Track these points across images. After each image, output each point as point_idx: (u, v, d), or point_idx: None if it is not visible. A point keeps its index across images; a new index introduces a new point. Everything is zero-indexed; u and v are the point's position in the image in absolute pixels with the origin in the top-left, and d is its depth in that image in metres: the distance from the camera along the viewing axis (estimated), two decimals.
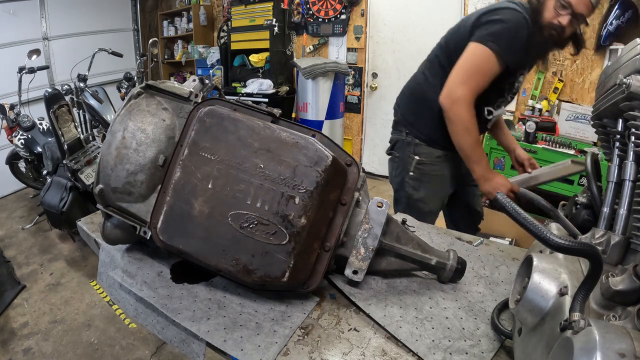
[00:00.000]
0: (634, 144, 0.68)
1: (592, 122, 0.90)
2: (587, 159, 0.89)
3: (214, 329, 0.79)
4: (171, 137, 0.94)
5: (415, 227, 1.17)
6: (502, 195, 0.55)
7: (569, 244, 0.48)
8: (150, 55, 4.07)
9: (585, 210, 0.83)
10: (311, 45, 4.54)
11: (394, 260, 0.92)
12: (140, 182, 0.92)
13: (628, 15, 2.81)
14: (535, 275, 0.63)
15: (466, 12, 3.58)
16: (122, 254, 1.04)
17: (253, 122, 0.85)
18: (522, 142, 2.90)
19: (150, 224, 0.90)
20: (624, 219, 0.67)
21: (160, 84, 1.02)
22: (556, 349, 0.50)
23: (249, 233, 0.81)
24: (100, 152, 0.96)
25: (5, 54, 4.13)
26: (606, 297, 0.57)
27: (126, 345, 2.10)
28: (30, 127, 3.27)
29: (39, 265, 2.84)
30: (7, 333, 2.18)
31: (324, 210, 0.83)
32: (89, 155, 2.73)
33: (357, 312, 0.86)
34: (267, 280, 0.81)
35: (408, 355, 0.74)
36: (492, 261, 1.06)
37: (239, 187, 0.82)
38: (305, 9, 4.44)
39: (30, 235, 3.30)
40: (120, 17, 5.48)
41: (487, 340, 0.77)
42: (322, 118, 3.95)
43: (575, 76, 3.23)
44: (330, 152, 0.82)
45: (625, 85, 0.68)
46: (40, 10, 4.48)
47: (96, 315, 2.31)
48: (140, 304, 0.94)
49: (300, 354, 0.74)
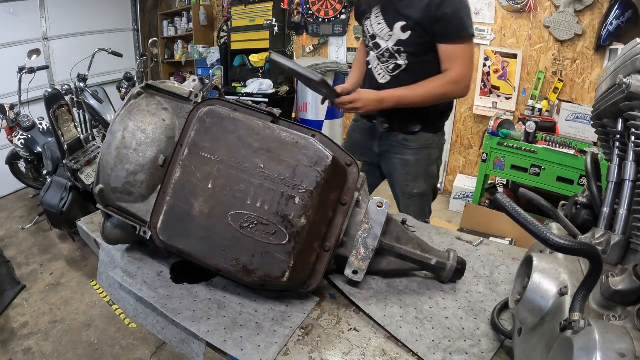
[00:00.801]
0: (634, 144, 0.68)
1: (592, 122, 0.90)
2: (587, 159, 0.89)
3: (214, 329, 0.79)
4: (171, 137, 0.94)
5: (415, 227, 1.17)
6: (502, 195, 0.55)
7: (569, 244, 0.48)
8: (150, 55, 4.07)
9: (585, 210, 0.83)
10: (311, 45, 4.54)
11: (394, 260, 0.92)
12: (140, 182, 0.92)
13: (628, 15, 2.81)
14: (535, 275, 0.63)
15: None
16: (122, 254, 1.04)
17: (253, 122, 0.85)
18: (522, 142, 2.90)
19: (150, 224, 0.90)
20: (624, 219, 0.66)
21: (160, 84, 1.02)
22: (556, 349, 0.50)
23: (249, 233, 0.81)
24: (100, 152, 0.96)
25: (5, 54, 4.13)
26: (606, 297, 0.57)
27: (126, 345, 2.10)
28: (30, 127, 3.27)
29: (39, 265, 2.84)
30: (7, 333, 2.18)
31: (324, 210, 0.83)
32: (89, 155, 2.73)
33: (357, 312, 0.86)
34: (267, 280, 0.81)
35: (408, 355, 0.74)
36: (492, 261, 1.06)
37: (239, 187, 0.82)
38: (305, 9, 4.44)
39: (30, 235, 3.29)
40: (120, 17, 5.47)
41: (487, 340, 0.77)
42: (322, 118, 3.95)
43: (575, 76, 3.23)
44: (330, 152, 0.82)
45: (625, 85, 0.68)
46: (40, 10, 4.48)
47: (96, 315, 2.31)
48: (140, 304, 0.94)
49: (300, 354, 0.74)
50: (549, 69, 3.31)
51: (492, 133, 2.99)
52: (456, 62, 1.39)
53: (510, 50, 3.44)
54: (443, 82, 1.41)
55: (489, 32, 3.51)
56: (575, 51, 3.19)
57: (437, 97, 1.44)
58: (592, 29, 3.07)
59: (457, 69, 1.40)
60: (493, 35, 3.50)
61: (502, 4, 3.36)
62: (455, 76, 1.40)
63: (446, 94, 1.45)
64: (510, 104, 3.54)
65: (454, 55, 1.39)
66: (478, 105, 3.71)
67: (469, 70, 1.42)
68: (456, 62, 1.39)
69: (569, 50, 3.21)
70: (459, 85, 1.42)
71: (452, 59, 1.39)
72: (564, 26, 3.15)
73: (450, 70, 1.40)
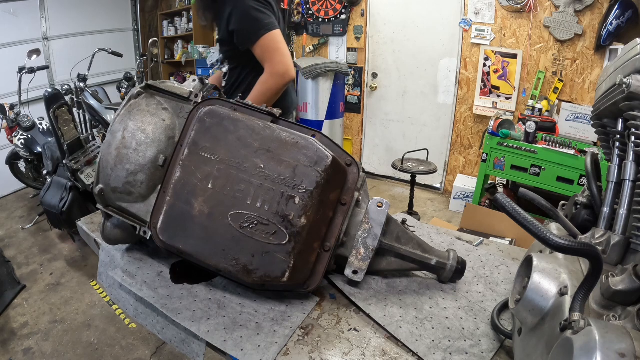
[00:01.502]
0: (634, 144, 0.68)
1: (592, 122, 0.90)
2: (587, 159, 0.89)
3: (214, 329, 0.79)
4: (171, 137, 0.94)
5: (415, 227, 1.17)
6: (502, 195, 0.54)
7: (569, 244, 0.48)
8: (150, 55, 4.07)
9: (585, 210, 0.83)
10: (311, 45, 4.54)
11: (394, 260, 0.92)
12: (140, 182, 0.92)
13: (628, 15, 2.81)
14: (535, 275, 0.63)
15: (466, 12, 3.58)
16: (122, 254, 1.04)
17: (253, 122, 0.85)
18: (522, 142, 2.90)
19: (150, 224, 0.90)
20: (624, 219, 0.66)
21: (160, 84, 1.02)
22: (556, 349, 0.50)
23: (249, 233, 0.81)
24: (100, 152, 0.96)
25: (5, 54, 4.13)
26: (606, 297, 0.57)
27: (126, 345, 2.10)
28: (30, 127, 3.28)
29: (39, 265, 2.84)
30: (7, 333, 2.18)
31: (324, 210, 0.83)
32: (89, 155, 2.73)
33: (357, 312, 0.86)
34: (267, 280, 0.81)
35: (408, 355, 0.74)
36: (492, 261, 1.06)
37: (239, 187, 0.82)
38: (305, 9, 4.44)
39: (30, 235, 3.29)
40: (120, 17, 5.47)
41: (487, 340, 0.77)
42: (322, 118, 3.95)
43: (575, 76, 3.23)
44: (330, 152, 0.82)
45: (625, 85, 0.68)
46: (40, 10, 4.48)
47: (96, 315, 2.31)
48: (140, 304, 0.94)
49: (300, 354, 0.74)
50: (549, 69, 3.31)
51: (492, 133, 2.99)
52: (265, 58, 1.52)
53: (510, 50, 3.44)
54: (265, 79, 1.53)
55: (489, 32, 3.51)
56: (575, 51, 3.19)
57: (269, 93, 1.54)
58: (592, 29, 3.07)
59: (270, 64, 1.52)
60: (493, 35, 3.51)
61: (502, 4, 3.36)
62: (272, 69, 1.52)
63: (273, 88, 1.54)
64: (510, 104, 3.54)
65: (262, 54, 1.52)
66: (478, 105, 3.71)
67: (280, 56, 1.52)
68: (266, 58, 1.52)
69: (569, 50, 3.21)
70: (278, 75, 1.52)
71: (262, 58, 1.53)
72: (564, 26, 3.15)
73: (266, 68, 1.53)
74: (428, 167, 3.20)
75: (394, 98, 4.28)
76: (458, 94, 3.84)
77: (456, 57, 3.76)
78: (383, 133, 4.43)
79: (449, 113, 3.95)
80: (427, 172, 3.18)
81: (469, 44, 3.64)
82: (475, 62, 3.65)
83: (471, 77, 3.72)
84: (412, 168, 3.20)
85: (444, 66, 3.88)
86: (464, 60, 3.72)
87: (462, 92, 3.81)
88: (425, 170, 3.17)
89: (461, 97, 3.83)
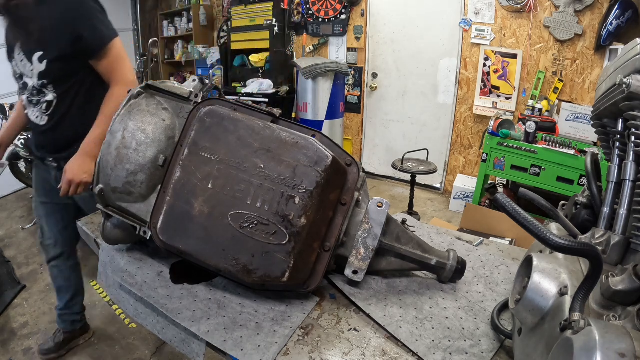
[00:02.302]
0: (634, 144, 0.68)
1: (592, 122, 0.90)
2: (587, 159, 0.89)
3: (214, 329, 0.79)
4: (171, 137, 0.94)
5: (415, 227, 1.17)
6: (502, 195, 0.54)
7: (569, 244, 0.48)
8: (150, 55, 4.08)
9: (585, 210, 0.83)
10: (311, 45, 4.54)
11: (394, 260, 0.92)
12: (140, 182, 0.92)
13: (628, 15, 2.81)
14: (535, 275, 0.63)
15: (466, 12, 3.58)
16: (122, 254, 1.04)
17: (253, 122, 0.85)
18: (522, 142, 2.90)
19: (150, 224, 0.90)
20: (624, 219, 0.66)
21: (160, 84, 1.02)
22: (556, 349, 0.50)
23: (249, 233, 0.81)
24: (100, 152, 0.96)
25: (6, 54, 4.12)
26: (606, 297, 0.57)
27: (126, 345, 2.10)
28: None
29: (39, 265, 2.83)
30: (7, 333, 2.18)
31: (324, 210, 0.83)
32: None
33: (357, 312, 0.86)
34: (267, 280, 0.81)
35: (408, 355, 0.74)
36: (492, 261, 1.06)
37: (239, 187, 0.82)
38: (305, 9, 4.44)
39: (30, 235, 3.29)
40: (120, 17, 5.47)
41: (487, 340, 0.77)
42: (322, 118, 3.95)
43: (575, 76, 3.23)
44: (330, 152, 0.82)
45: (625, 85, 0.68)
46: None
47: (96, 315, 2.31)
48: (140, 304, 0.94)
49: (300, 354, 0.74)
50: (549, 69, 3.31)
51: (492, 133, 2.99)
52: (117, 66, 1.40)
53: (510, 50, 3.44)
54: (119, 92, 1.37)
55: (489, 32, 3.51)
56: (575, 51, 3.19)
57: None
58: (592, 29, 3.07)
59: (121, 73, 1.40)
60: (493, 35, 3.51)
61: (502, 4, 3.36)
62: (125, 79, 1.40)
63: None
64: (510, 104, 3.54)
65: (113, 61, 1.39)
66: (478, 105, 3.71)
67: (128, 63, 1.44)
68: (117, 67, 1.40)
69: (569, 50, 3.22)
70: (132, 83, 1.41)
71: (113, 67, 1.39)
72: (564, 26, 3.15)
73: (115, 80, 1.40)
74: (428, 167, 3.20)
75: (394, 98, 4.29)
76: (458, 94, 3.84)
77: (456, 57, 3.76)
78: (383, 133, 4.44)
79: (449, 113, 3.95)
80: (427, 172, 3.18)
81: (469, 44, 3.65)
82: (475, 62, 3.65)
83: (471, 77, 3.72)
84: (412, 168, 3.20)
85: (444, 66, 3.88)
86: (464, 60, 3.72)
87: (462, 92, 3.81)
88: (425, 170, 3.17)
89: (461, 97, 3.83)
